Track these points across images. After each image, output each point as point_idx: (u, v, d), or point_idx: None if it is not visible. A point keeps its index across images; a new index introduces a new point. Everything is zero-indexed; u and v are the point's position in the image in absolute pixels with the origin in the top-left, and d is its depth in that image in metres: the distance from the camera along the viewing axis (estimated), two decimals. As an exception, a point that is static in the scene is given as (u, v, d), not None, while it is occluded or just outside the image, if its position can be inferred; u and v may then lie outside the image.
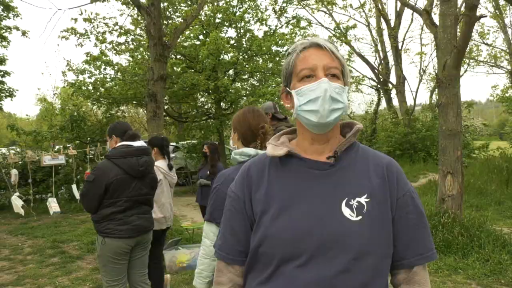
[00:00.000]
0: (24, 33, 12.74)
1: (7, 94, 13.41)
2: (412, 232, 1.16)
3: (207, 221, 2.06)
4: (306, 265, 1.07)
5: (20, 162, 10.01)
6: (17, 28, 12.69)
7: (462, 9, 7.12)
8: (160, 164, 4.23)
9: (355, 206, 1.10)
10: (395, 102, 21.11)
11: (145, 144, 3.46)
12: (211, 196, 2.07)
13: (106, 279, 3.23)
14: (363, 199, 1.11)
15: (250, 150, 2.11)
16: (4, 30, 12.50)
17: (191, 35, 13.45)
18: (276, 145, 1.24)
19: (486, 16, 6.21)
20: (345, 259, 1.06)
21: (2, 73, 13.16)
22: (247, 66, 13.31)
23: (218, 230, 2.01)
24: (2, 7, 12.05)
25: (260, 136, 2.17)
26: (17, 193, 6.98)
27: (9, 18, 12.39)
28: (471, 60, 19.03)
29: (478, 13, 5.37)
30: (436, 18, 6.91)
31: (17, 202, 6.65)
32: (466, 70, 19.89)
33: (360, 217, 1.09)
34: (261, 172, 1.23)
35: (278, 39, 12.92)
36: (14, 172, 7.68)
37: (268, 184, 1.19)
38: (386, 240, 1.11)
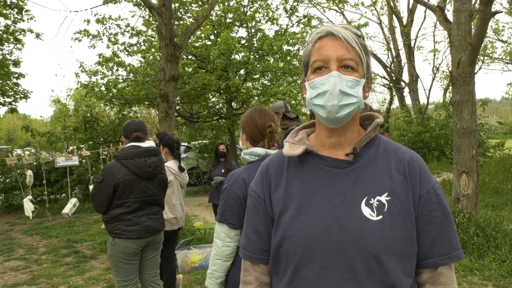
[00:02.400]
0: (38, 36, 12.92)
1: (22, 95, 13.58)
2: (437, 231, 1.11)
3: (219, 221, 2.06)
4: (327, 267, 1.05)
5: (34, 163, 10.16)
6: (31, 31, 12.86)
7: (477, 5, 7.00)
8: (171, 165, 4.23)
9: (375, 205, 1.07)
10: (408, 100, 20.89)
11: (154, 145, 3.45)
12: (222, 196, 2.07)
13: (117, 279, 3.24)
14: (383, 198, 1.08)
15: (259, 150, 2.13)
16: (18, 33, 12.66)
17: (202, 35, 13.48)
18: (293, 143, 1.21)
19: (501, 12, 6.10)
20: (365, 260, 1.03)
21: (17, 75, 13.33)
22: (258, 65, 13.29)
23: (229, 230, 2.02)
24: (16, 10, 12.21)
25: (267, 135, 2.20)
26: (30, 196, 7.06)
27: (23, 20, 12.55)
28: (486, 57, 18.70)
29: (493, 9, 5.27)
30: (449, 15, 6.81)
31: (27, 206, 6.72)
32: (480, 68, 19.56)
33: (380, 217, 1.06)
34: (280, 171, 1.21)
35: (289, 38, 12.86)
36: (29, 173, 7.80)
37: (287, 183, 1.17)
38: (409, 240, 1.07)
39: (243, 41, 13.84)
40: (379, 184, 1.10)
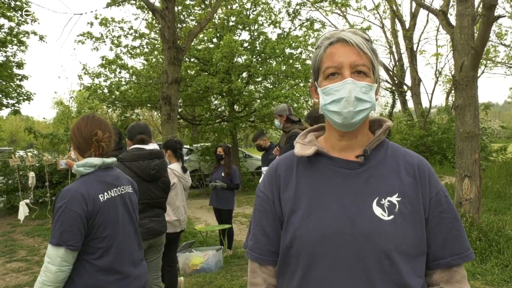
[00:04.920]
0: (41, 38, 12.97)
1: (25, 97, 13.62)
2: (448, 232, 1.13)
3: (55, 245, 1.83)
4: (339, 266, 1.06)
5: (37, 165, 10.18)
6: (34, 33, 12.92)
7: (479, 9, 7.00)
8: (174, 167, 4.24)
9: (387, 206, 1.08)
10: (410, 104, 20.87)
11: (157, 147, 3.46)
12: (57, 217, 1.86)
13: (120, 282, 3.23)
14: (394, 198, 1.09)
15: (95, 160, 1.99)
16: (22, 35, 12.72)
17: (205, 38, 13.53)
18: (304, 144, 1.22)
19: (504, 16, 6.10)
20: (378, 259, 1.04)
21: (20, 77, 13.37)
22: (260, 68, 13.32)
23: (67, 254, 1.82)
24: (20, 12, 12.28)
25: (93, 144, 2.01)
26: (27, 200, 7.05)
27: (27, 23, 12.61)
28: (488, 61, 18.69)
29: (495, 13, 5.27)
30: (452, 19, 6.81)
31: (22, 208, 6.71)
32: (483, 72, 19.55)
33: (392, 217, 1.07)
34: (289, 171, 1.21)
35: (291, 42, 12.91)
36: (31, 174, 7.82)
37: (297, 183, 1.18)
38: (419, 240, 1.09)
39: (245, 44, 13.88)
40: (389, 185, 1.11)
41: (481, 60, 8.60)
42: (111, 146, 2.10)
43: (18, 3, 12.05)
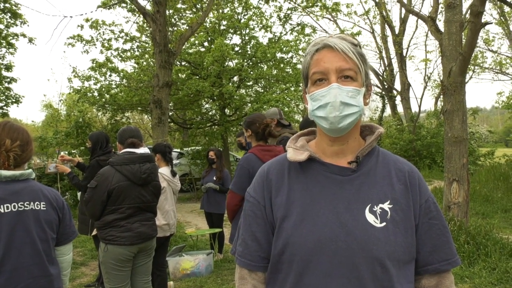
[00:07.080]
0: (31, 40, 12.87)
1: (14, 100, 13.48)
2: (437, 238, 1.14)
3: None
4: (333, 273, 1.06)
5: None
6: (24, 35, 12.81)
7: (467, 16, 7.11)
8: (164, 171, 4.23)
9: (379, 213, 1.09)
10: (400, 108, 21.07)
11: (148, 151, 3.45)
12: None
13: (109, 286, 3.22)
14: (386, 205, 1.10)
15: None
16: (11, 37, 12.60)
17: (196, 42, 13.53)
18: (296, 149, 1.20)
19: (491, 23, 6.22)
20: (371, 266, 1.05)
21: (8, 79, 13.23)
22: (251, 72, 13.34)
23: None
24: (9, 14, 12.17)
25: (2, 153, 1.91)
26: None
27: (16, 25, 12.51)
28: (476, 67, 18.97)
29: (483, 20, 5.36)
30: (441, 25, 6.91)
31: None
32: (471, 77, 19.82)
33: (384, 224, 1.08)
34: (281, 176, 1.20)
35: (282, 46, 12.96)
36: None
37: (289, 188, 1.16)
38: (409, 246, 1.10)
39: (237, 48, 13.90)
40: (381, 192, 1.12)
41: (469, 66, 8.72)
42: (25, 156, 1.98)
43: (7, 5, 11.94)
